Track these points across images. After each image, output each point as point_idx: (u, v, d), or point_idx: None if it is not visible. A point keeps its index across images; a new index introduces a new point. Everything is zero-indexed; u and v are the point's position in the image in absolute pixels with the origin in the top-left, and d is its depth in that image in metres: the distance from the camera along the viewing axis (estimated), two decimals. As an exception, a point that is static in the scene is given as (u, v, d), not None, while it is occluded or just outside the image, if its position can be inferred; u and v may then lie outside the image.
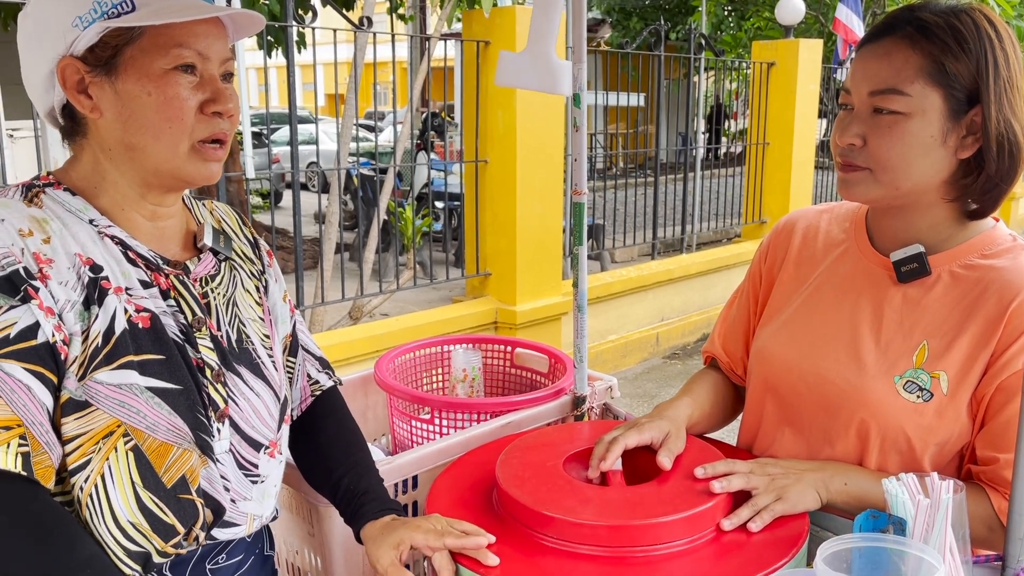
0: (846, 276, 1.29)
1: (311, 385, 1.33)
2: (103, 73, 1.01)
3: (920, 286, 1.22)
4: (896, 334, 1.21)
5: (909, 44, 1.13)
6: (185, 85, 1.03)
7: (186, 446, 1.04)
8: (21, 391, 0.93)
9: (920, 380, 1.18)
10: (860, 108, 1.18)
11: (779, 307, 1.36)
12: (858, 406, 1.20)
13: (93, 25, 0.99)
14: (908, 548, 0.97)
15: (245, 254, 1.24)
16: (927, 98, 1.13)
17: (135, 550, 1.01)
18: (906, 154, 1.14)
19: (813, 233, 1.38)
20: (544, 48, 1.44)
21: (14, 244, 0.96)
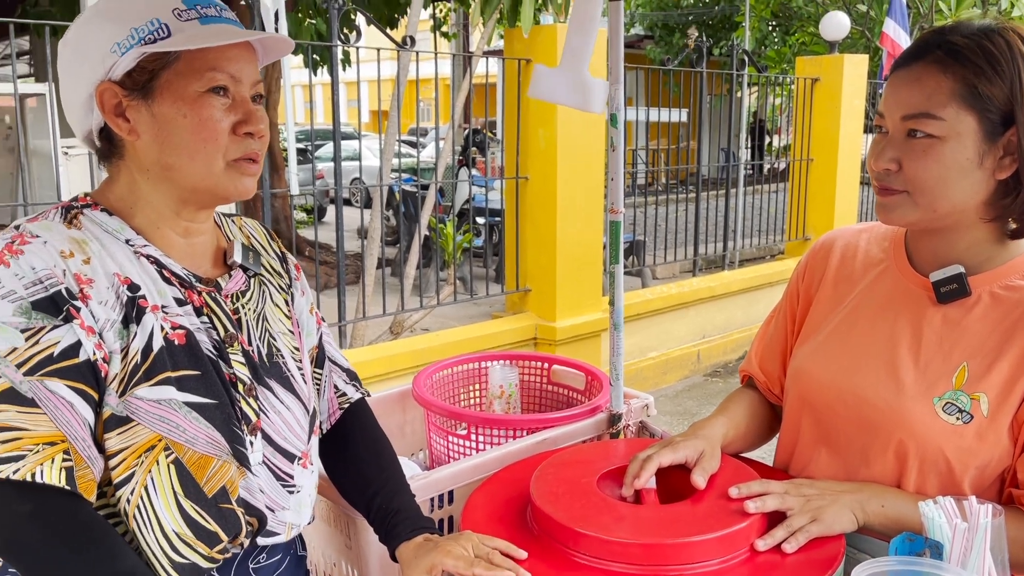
0: (885, 296, 1.28)
1: (339, 397, 1.35)
2: (140, 97, 1.05)
3: (960, 307, 1.20)
4: (935, 355, 1.20)
5: (940, 68, 1.13)
6: (218, 107, 1.06)
7: (225, 458, 1.07)
8: (64, 408, 0.96)
9: (960, 402, 1.16)
10: (894, 132, 1.17)
11: (817, 326, 1.36)
12: (896, 427, 1.19)
13: (131, 51, 1.02)
14: (945, 572, 0.96)
15: (273, 268, 1.27)
16: (961, 122, 1.12)
17: (181, 562, 1.04)
18: (942, 177, 1.14)
19: (852, 252, 1.37)
20: (578, 66, 1.46)
21: (56, 265, 1.00)
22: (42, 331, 0.96)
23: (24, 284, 0.97)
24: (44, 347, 0.96)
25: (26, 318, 0.96)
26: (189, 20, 1.05)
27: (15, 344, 0.95)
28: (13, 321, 0.96)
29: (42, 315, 0.97)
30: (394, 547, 1.19)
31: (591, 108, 1.48)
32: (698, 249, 6.41)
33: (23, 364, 0.95)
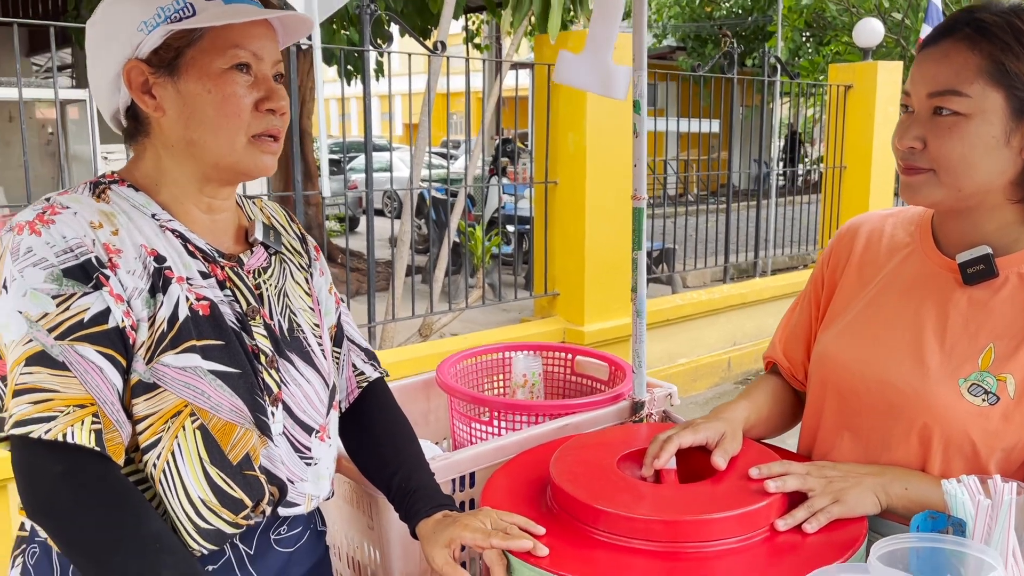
0: (910, 279, 1.27)
1: (357, 376, 1.37)
2: (166, 74, 1.08)
3: (987, 288, 1.19)
4: (961, 337, 1.18)
5: (968, 45, 1.12)
6: (241, 83, 1.09)
7: (247, 426, 1.09)
8: (94, 372, 0.99)
9: (986, 383, 1.15)
10: (920, 110, 1.17)
11: (841, 311, 1.35)
12: (920, 410, 1.18)
13: (157, 29, 1.06)
14: (967, 549, 0.94)
15: (294, 248, 1.29)
16: (988, 98, 1.11)
17: (206, 528, 1.06)
18: (967, 155, 1.13)
19: (877, 237, 1.36)
20: (602, 53, 1.47)
21: (86, 235, 1.03)
22: (72, 297, 0.99)
23: (55, 252, 1.00)
24: (74, 313, 0.99)
25: (57, 285, 0.99)
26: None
27: (47, 309, 0.98)
28: (44, 287, 0.98)
29: (72, 282, 1.00)
30: (414, 524, 1.20)
31: (614, 94, 1.49)
32: (728, 258, 6.38)
33: (54, 329, 0.97)
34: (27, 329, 0.97)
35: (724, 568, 1.06)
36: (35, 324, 0.97)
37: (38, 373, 0.96)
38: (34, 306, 0.98)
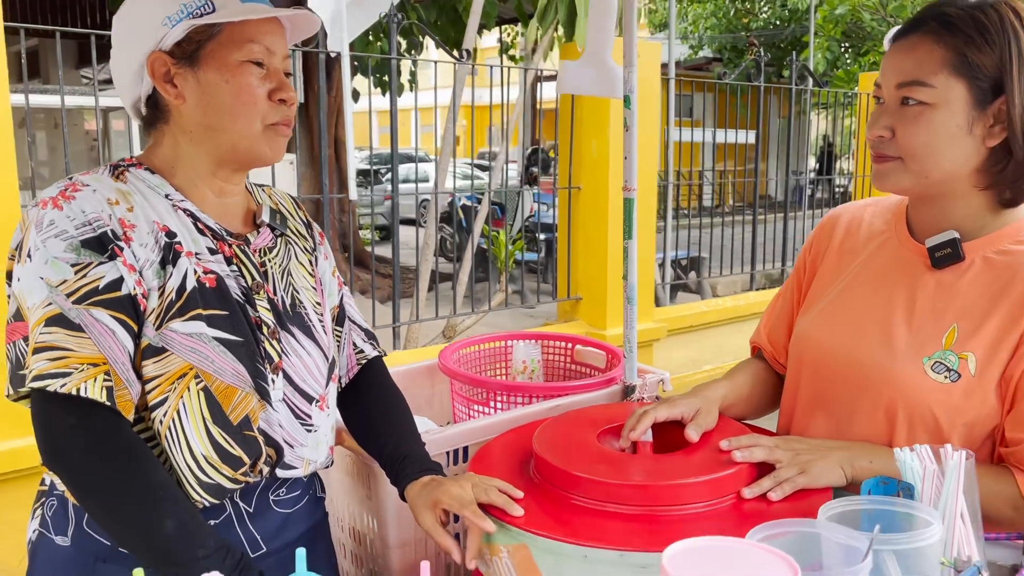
0: (884, 264, 1.32)
1: (357, 354, 1.45)
2: (187, 65, 1.18)
3: (954, 272, 1.24)
4: (928, 318, 1.23)
5: (933, 38, 1.18)
6: (256, 75, 1.19)
7: (248, 390, 1.17)
8: (107, 334, 1.08)
9: (948, 361, 1.19)
10: (889, 101, 1.22)
11: (820, 294, 1.40)
12: (886, 386, 1.23)
13: (180, 23, 1.16)
14: (915, 511, 0.99)
15: (299, 232, 1.38)
16: (951, 89, 1.16)
17: (207, 481, 1.15)
18: (933, 143, 1.18)
19: (856, 225, 1.41)
20: (601, 56, 1.54)
21: (103, 211, 1.12)
22: (89, 266, 1.09)
23: (75, 225, 1.10)
24: (91, 280, 1.08)
25: (76, 254, 1.09)
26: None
27: (65, 276, 1.08)
28: (64, 256, 1.08)
29: (90, 252, 1.09)
30: (402, 488, 1.27)
31: (615, 94, 1.56)
32: (755, 266, 6.37)
33: (72, 294, 1.07)
34: (47, 293, 1.07)
35: (691, 530, 1.11)
36: (55, 289, 1.07)
37: (56, 333, 1.05)
38: (54, 273, 1.08)
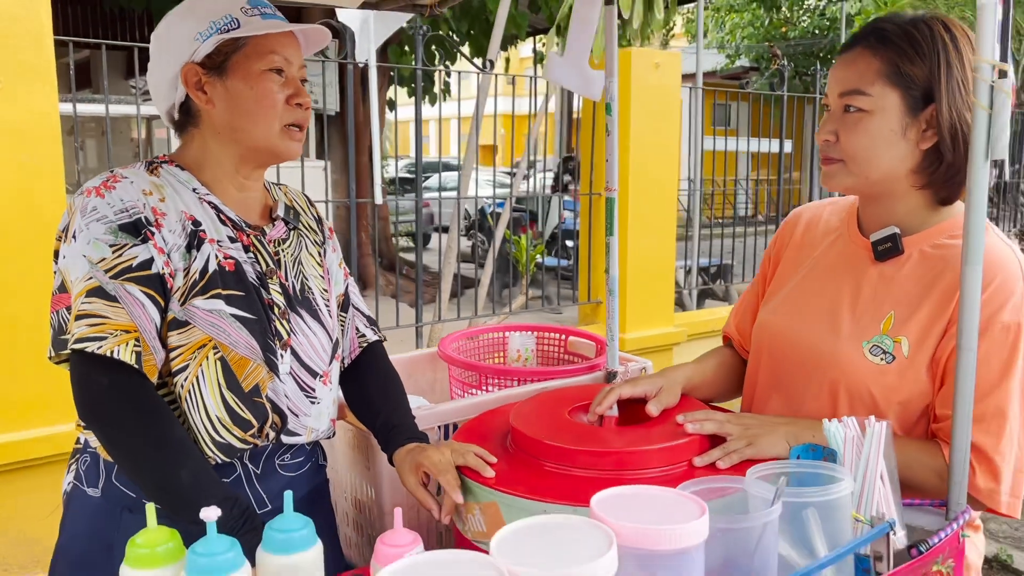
0: (836, 258, 1.44)
1: (359, 338, 1.60)
2: (216, 74, 1.34)
3: (894, 264, 1.35)
4: (869, 305, 1.35)
5: (871, 51, 1.30)
6: (276, 82, 1.36)
7: (259, 362, 1.33)
8: (138, 306, 1.24)
9: (884, 344, 1.31)
10: (834, 108, 1.35)
11: (780, 286, 1.52)
12: (830, 368, 1.35)
13: (210, 38, 1.32)
14: (833, 472, 1.11)
15: (311, 226, 1.54)
16: (886, 97, 1.28)
17: (220, 441, 1.31)
18: (870, 146, 1.30)
19: (815, 222, 1.54)
20: (580, 59, 1.68)
21: (139, 200, 1.29)
22: (125, 247, 1.25)
23: (114, 211, 1.27)
24: (126, 259, 1.25)
25: (114, 236, 1.25)
26: (253, 16, 1.35)
27: (104, 255, 1.24)
28: (104, 238, 1.25)
29: (126, 235, 1.26)
30: (391, 453, 1.42)
31: (591, 95, 1.70)
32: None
33: (109, 270, 1.24)
34: (88, 269, 1.23)
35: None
36: (95, 265, 1.24)
37: (95, 303, 1.22)
38: (95, 252, 1.24)
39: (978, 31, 1.07)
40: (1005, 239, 1.31)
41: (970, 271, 1.12)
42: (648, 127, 4.83)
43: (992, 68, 1.07)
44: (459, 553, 0.86)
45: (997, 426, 1.23)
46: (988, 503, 1.24)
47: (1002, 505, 1.24)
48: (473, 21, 8.77)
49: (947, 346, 1.26)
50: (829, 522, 1.07)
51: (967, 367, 1.13)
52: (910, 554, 1.11)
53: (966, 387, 1.13)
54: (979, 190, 1.10)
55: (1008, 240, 1.31)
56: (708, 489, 1.08)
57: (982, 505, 1.25)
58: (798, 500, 1.05)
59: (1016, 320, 1.23)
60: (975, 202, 1.10)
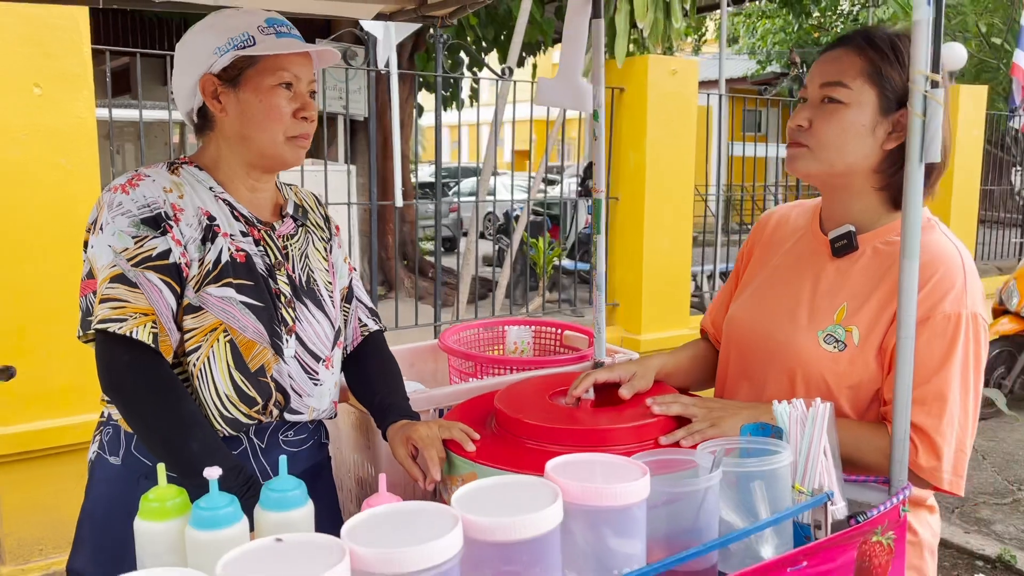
0: (799, 254, 1.55)
1: (361, 327, 1.73)
2: (230, 86, 1.48)
3: (850, 259, 1.45)
4: (825, 298, 1.45)
5: (857, 50, 1.40)
6: (284, 97, 1.48)
7: (265, 345, 1.46)
8: (156, 292, 1.38)
9: (837, 333, 1.41)
10: (812, 98, 1.44)
11: (750, 282, 1.63)
12: (789, 356, 1.45)
13: (228, 53, 1.46)
14: (778, 447, 1.21)
15: (318, 224, 1.67)
16: (864, 93, 1.38)
17: (227, 416, 1.44)
18: (840, 135, 1.40)
19: (784, 222, 1.64)
20: (573, 74, 1.79)
21: (159, 196, 1.43)
22: (146, 239, 1.39)
23: (137, 206, 1.41)
24: (146, 250, 1.39)
25: (136, 229, 1.39)
26: (268, 34, 1.47)
27: (127, 245, 1.38)
28: (128, 230, 1.39)
29: (147, 228, 1.40)
30: (384, 429, 1.54)
31: (585, 108, 1.81)
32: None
33: (132, 259, 1.38)
34: (113, 257, 1.38)
35: (611, 468, 1.35)
36: (119, 255, 1.38)
37: (118, 288, 1.36)
38: (119, 242, 1.38)
39: (913, 45, 1.17)
40: (951, 236, 1.41)
41: (907, 264, 1.21)
42: (664, 133, 4.93)
43: (925, 79, 1.17)
44: (424, 504, 0.98)
45: (938, 408, 1.32)
46: (931, 480, 1.33)
47: (944, 482, 1.33)
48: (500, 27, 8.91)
49: (893, 336, 1.35)
50: (772, 491, 1.18)
51: (905, 354, 1.22)
52: (849, 524, 1.20)
53: (904, 372, 1.23)
54: (914, 190, 1.19)
55: (954, 238, 1.41)
56: (663, 461, 1.19)
57: (926, 483, 1.34)
58: (740, 470, 1.15)
59: (956, 311, 1.33)
60: (911, 201, 1.20)
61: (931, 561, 1.47)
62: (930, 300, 1.32)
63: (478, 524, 0.93)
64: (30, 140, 3.17)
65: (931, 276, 1.33)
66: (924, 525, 1.46)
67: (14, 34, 3.10)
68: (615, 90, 5.01)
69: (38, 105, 3.17)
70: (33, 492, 3.32)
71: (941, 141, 1.18)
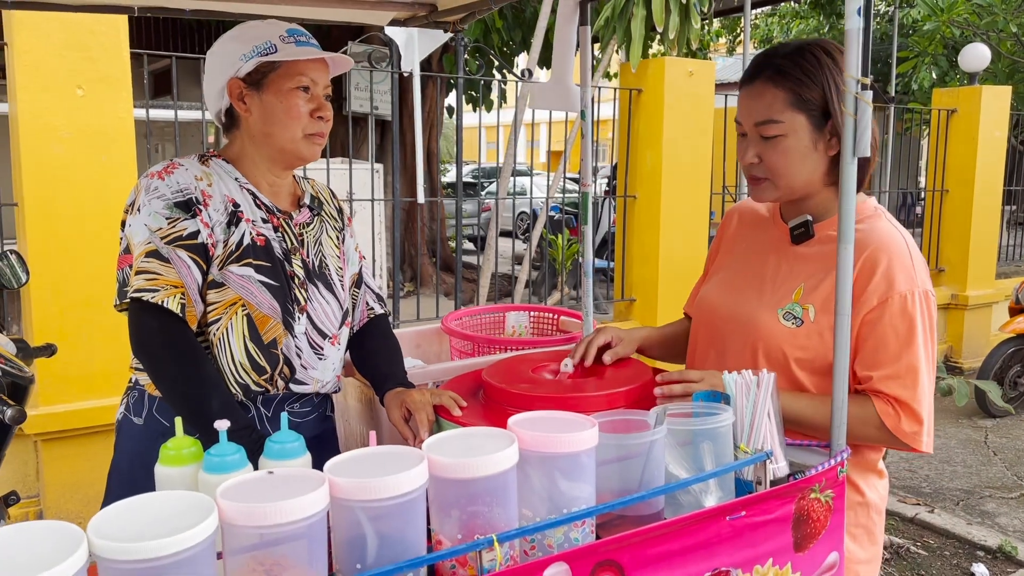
0: (763, 242, 1.68)
1: (368, 310, 1.90)
2: (254, 89, 1.65)
3: (807, 246, 1.59)
4: (785, 280, 1.59)
5: (772, 84, 1.53)
6: (302, 99, 1.65)
7: (278, 320, 1.63)
8: (185, 267, 1.56)
9: (795, 311, 1.55)
10: (752, 135, 1.58)
11: (719, 269, 1.77)
12: (751, 332, 1.59)
13: (252, 59, 1.63)
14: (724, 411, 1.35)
15: (332, 215, 1.84)
16: (795, 120, 1.52)
17: (240, 381, 1.61)
18: (790, 164, 1.54)
19: (749, 214, 1.78)
20: (564, 78, 1.94)
21: (191, 183, 1.61)
22: (178, 220, 1.57)
23: (171, 191, 1.59)
24: (178, 230, 1.57)
25: (169, 211, 1.57)
26: (288, 43, 1.64)
27: (161, 225, 1.56)
28: (162, 212, 1.57)
29: (179, 211, 1.58)
30: (382, 395, 1.70)
31: (572, 109, 1.96)
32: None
33: (165, 237, 1.56)
34: (148, 235, 1.56)
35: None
36: (154, 233, 1.56)
37: (151, 262, 1.54)
38: (154, 222, 1.56)
39: (846, 51, 1.30)
40: (894, 223, 1.54)
41: (843, 248, 1.34)
42: (681, 133, 5.05)
43: (856, 82, 1.30)
44: (397, 447, 1.14)
45: (912, 380, 1.47)
46: (911, 443, 1.47)
47: (923, 444, 1.47)
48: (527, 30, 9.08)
49: (855, 317, 1.48)
50: (717, 449, 1.32)
51: (842, 330, 1.35)
52: (788, 480, 1.34)
53: (842, 344, 1.36)
54: (848, 180, 1.32)
55: (897, 224, 1.54)
56: (620, 421, 1.34)
57: (906, 446, 1.48)
58: (684, 428, 1.30)
59: (910, 288, 1.46)
60: (846, 190, 1.33)
61: (879, 520, 1.61)
62: (885, 283, 1.46)
63: (442, 463, 1.08)
64: (73, 139, 3.39)
65: (882, 260, 1.47)
66: (872, 488, 1.59)
67: (58, 39, 3.32)
68: (632, 91, 5.14)
69: (80, 106, 3.39)
70: (72, 469, 3.55)
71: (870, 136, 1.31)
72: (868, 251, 1.49)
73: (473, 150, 20.69)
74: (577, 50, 1.97)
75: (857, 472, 1.56)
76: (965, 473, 4.60)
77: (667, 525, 1.19)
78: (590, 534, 1.19)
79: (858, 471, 1.56)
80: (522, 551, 1.16)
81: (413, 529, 1.06)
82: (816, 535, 1.38)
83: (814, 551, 1.38)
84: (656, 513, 1.27)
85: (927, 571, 3.51)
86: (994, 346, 5.70)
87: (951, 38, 12.10)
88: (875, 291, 1.48)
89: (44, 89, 3.32)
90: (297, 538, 0.99)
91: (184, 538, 0.88)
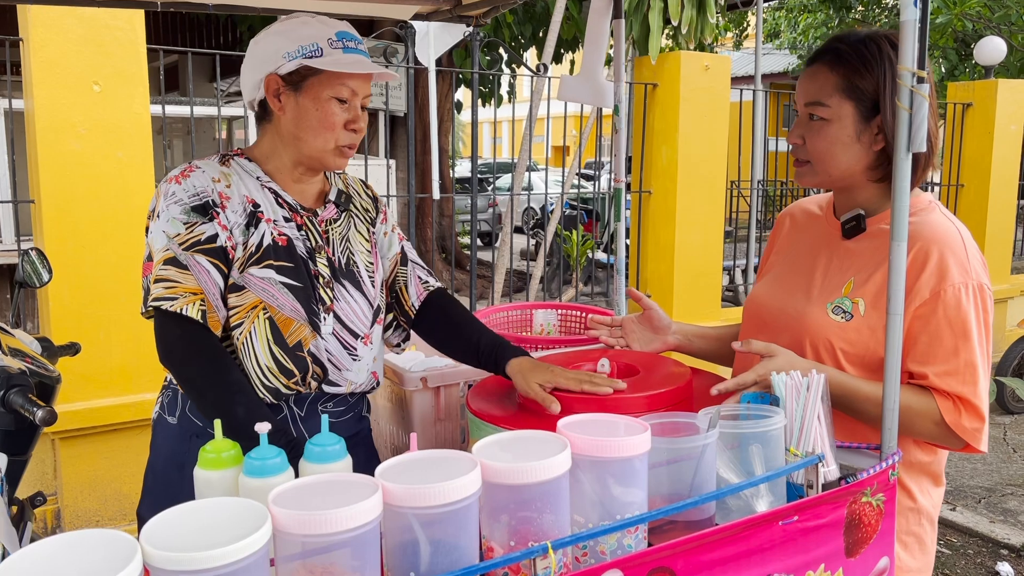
0: (815, 237, 1.67)
1: (423, 285, 1.83)
2: (292, 89, 1.59)
3: (858, 240, 1.57)
4: (836, 274, 1.57)
5: (829, 67, 1.51)
6: (339, 109, 1.59)
7: (302, 322, 1.59)
8: (204, 273, 1.52)
9: (844, 305, 1.52)
10: (801, 115, 1.56)
11: (772, 266, 1.76)
12: (801, 326, 1.56)
13: (295, 60, 1.56)
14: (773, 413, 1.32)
15: (363, 207, 1.79)
16: (842, 107, 1.49)
17: (268, 385, 1.58)
18: (829, 149, 1.51)
19: (801, 214, 1.77)
20: (595, 73, 1.91)
21: (208, 186, 1.57)
22: (196, 224, 1.54)
23: (188, 195, 1.55)
24: (196, 235, 1.53)
25: (187, 216, 1.54)
26: (336, 48, 1.57)
27: (179, 231, 1.53)
28: (180, 217, 1.54)
29: (197, 215, 1.54)
30: (504, 365, 1.62)
31: (604, 104, 1.92)
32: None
33: (183, 243, 1.52)
34: (167, 242, 1.52)
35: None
36: (172, 239, 1.52)
37: (170, 270, 1.51)
38: (172, 228, 1.53)
39: (901, 43, 1.27)
40: (950, 216, 1.51)
41: (896, 246, 1.31)
42: (696, 128, 5.01)
43: (912, 75, 1.27)
44: (448, 452, 1.11)
45: (971, 376, 1.43)
46: (971, 440, 1.43)
47: (982, 443, 1.44)
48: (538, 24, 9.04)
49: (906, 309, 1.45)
50: (767, 453, 1.29)
51: (895, 328, 1.32)
52: (839, 485, 1.31)
53: (894, 345, 1.33)
54: (902, 177, 1.29)
55: (953, 217, 1.51)
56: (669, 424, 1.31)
57: (959, 444, 1.45)
58: (736, 431, 1.27)
59: (964, 281, 1.43)
60: (900, 188, 1.30)
61: (931, 530, 1.57)
62: (937, 276, 1.43)
63: (495, 468, 1.05)
64: (90, 134, 3.36)
65: (934, 253, 1.44)
66: (926, 494, 1.55)
67: (75, 35, 3.30)
68: (648, 86, 5.10)
69: (97, 101, 3.37)
70: (91, 466, 3.53)
71: (926, 131, 1.27)
72: (919, 244, 1.46)
73: (479, 145, 20.67)
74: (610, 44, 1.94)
75: (910, 476, 1.53)
76: (986, 470, 4.57)
77: (721, 531, 1.16)
78: (643, 540, 1.17)
79: (911, 475, 1.53)
80: (574, 557, 1.14)
81: (467, 536, 1.03)
82: (867, 540, 1.35)
83: (865, 556, 1.35)
84: (708, 518, 1.24)
85: (951, 570, 3.48)
86: (1012, 343, 5.66)
87: (962, 31, 12.01)
88: (927, 284, 1.45)
89: (60, 85, 3.30)
90: (350, 545, 0.96)
91: (241, 547, 0.85)
